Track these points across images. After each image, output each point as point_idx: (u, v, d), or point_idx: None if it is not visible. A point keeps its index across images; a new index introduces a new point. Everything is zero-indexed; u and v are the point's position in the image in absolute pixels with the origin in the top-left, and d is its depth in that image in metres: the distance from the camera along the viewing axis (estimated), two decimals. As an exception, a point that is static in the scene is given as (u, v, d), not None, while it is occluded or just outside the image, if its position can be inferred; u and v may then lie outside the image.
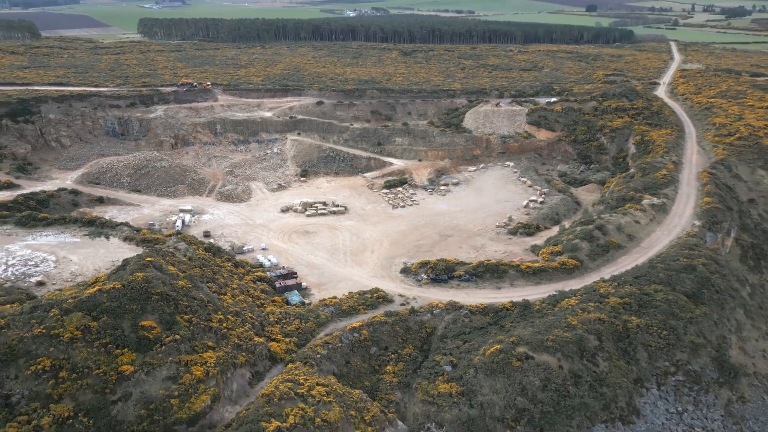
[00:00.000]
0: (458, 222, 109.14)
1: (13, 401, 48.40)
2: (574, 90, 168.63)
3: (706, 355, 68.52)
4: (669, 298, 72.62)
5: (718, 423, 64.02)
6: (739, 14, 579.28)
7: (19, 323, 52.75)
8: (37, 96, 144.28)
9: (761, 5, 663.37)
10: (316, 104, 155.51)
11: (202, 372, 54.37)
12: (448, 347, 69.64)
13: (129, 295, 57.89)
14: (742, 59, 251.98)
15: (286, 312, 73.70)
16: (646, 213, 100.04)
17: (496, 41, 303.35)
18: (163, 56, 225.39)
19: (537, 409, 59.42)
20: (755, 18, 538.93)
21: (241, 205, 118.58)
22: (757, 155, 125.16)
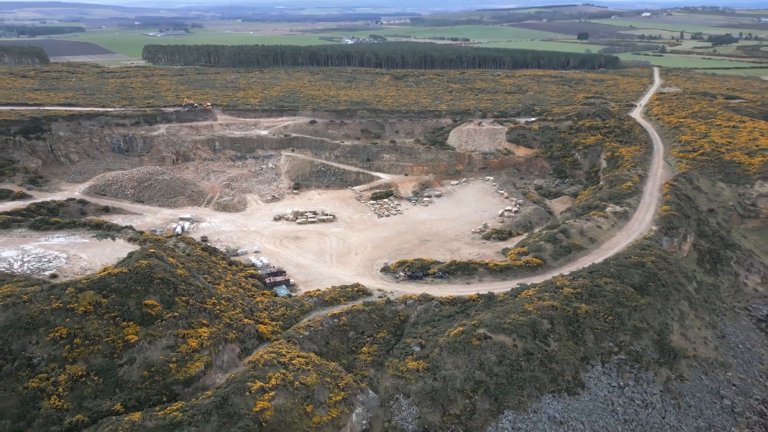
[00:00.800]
0: (437, 229, 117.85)
1: (35, 362, 56.57)
2: (553, 111, 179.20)
3: (648, 338, 76.58)
4: (617, 289, 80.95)
5: (656, 397, 71.75)
6: (726, 42, 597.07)
7: (39, 298, 61.20)
8: (48, 115, 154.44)
9: (747, 33, 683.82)
10: (310, 123, 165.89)
11: (196, 343, 62.59)
12: (419, 332, 77.62)
13: (134, 278, 66.43)
14: (720, 83, 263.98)
15: (273, 301, 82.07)
16: (608, 219, 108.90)
17: (485, 66, 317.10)
18: (166, 80, 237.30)
19: (492, 381, 67.24)
20: (741, 45, 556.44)
21: (236, 215, 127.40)
22: (717, 169, 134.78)
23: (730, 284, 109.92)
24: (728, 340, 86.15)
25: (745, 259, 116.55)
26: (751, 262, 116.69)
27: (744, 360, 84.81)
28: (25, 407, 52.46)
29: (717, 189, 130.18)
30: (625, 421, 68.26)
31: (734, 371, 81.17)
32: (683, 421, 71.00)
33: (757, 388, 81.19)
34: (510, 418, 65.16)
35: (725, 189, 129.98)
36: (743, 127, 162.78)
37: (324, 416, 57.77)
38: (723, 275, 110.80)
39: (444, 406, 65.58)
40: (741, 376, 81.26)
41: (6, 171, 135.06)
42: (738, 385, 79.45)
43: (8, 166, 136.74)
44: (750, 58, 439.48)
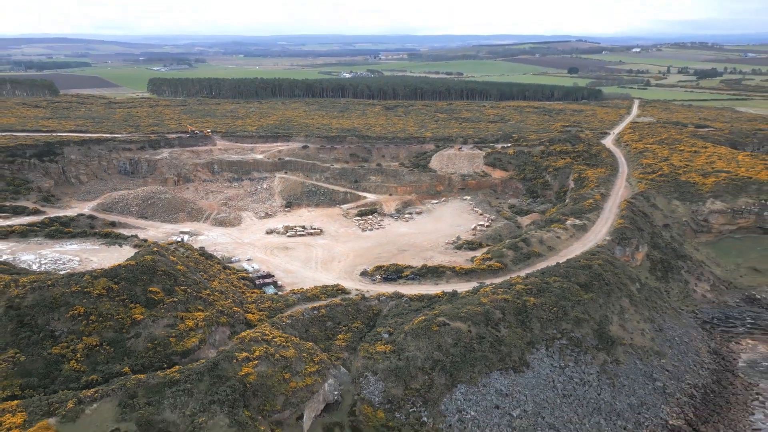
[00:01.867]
0: (415, 241, 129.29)
1: (57, 334, 67.34)
2: (529, 137, 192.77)
3: (588, 327, 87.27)
4: (564, 286, 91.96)
5: (593, 376, 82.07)
6: (711, 75, 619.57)
7: (61, 283, 72.33)
8: (60, 140, 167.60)
9: (732, 67, 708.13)
10: (302, 148, 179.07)
11: (192, 324, 73.42)
12: (388, 322, 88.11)
13: (141, 269, 77.67)
14: (694, 114, 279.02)
15: (261, 296, 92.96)
16: (567, 231, 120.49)
17: (472, 98, 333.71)
18: (169, 109, 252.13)
19: (448, 360, 77.65)
20: (724, 79, 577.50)
21: (232, 229, 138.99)
22: (673, 188, 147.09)
23: (680, 290, 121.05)
24: (665, 333, 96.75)
25: (696, 268, 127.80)
26: (702, 272, 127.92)
27: (680, 351, 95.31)
28: (49, 368, 63.18)
29: (672, 206, 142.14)
30: (563, 395, 78.48)
31: (668, 359, 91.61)
32: (617, 398, 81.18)
33: (689, 374, 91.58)
34: (462, 390, 75.37)
35: (680, 206, 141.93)
36: (704, 151, 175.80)
37: (300, 383, 68.14)
38: (673, 282, 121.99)
39: (406, 382, 75.81)
40: (675, 363, 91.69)
41: (21, 190, 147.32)
42: (671, 371, 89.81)
43: (23, 186, 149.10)
44: (731, 91, 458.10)
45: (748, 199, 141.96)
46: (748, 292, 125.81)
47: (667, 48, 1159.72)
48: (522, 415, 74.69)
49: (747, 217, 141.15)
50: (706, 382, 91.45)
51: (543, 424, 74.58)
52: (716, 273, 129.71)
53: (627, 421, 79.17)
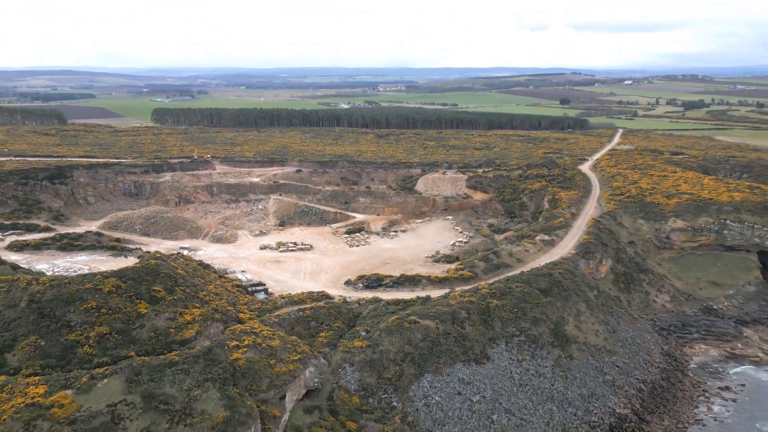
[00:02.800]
0: (397, 255, 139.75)
1: (72, 324, 77.40)
2: (510, 163, 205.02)
3: (545, 326, 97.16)
4: (525, 290, 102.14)
5: (548, 369, 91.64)
6: (698, 106, 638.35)
7: (76, 281, 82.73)
8: (70, 164, 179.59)
9: (720, 99, 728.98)
10: (296, 172, 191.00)
11: (190, 318, 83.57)
12: (366, 322, 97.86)
13: (145, 271, 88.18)
14: (672, 142, 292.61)
15: (252, 299, 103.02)
16: (536, 245, 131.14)
17: (462, 127, 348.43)
18: (172, 137, 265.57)
19: (417, 352, 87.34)
20: (710, 110, 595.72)
21: (228, 245, 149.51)
22: (639, 208, 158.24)
23: (641, 300, 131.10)
24: (619, 334, 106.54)
25: (657, 281, 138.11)
26: (662, 284, 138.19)
27: (631, 350, 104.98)
28: (65, 352, 73.18)
29: (637, 225, 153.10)
30: (520, 385, 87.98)
31: (620, 357, 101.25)
32: (569, 389, 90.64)
33: (639, 371, 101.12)
34: (429, 379, 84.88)
35: (644, 225, 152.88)
36: (672, 176, 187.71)
37: (283, 368, 77.76)
38: (635, 293, 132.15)
39: (379, 372, 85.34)
40: (625, 361, 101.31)
41: (34, 210, 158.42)
42: (621, 367, 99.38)
43: (36, 206, 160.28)
44: (715, 121, 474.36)
45: (708, 218, 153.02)
46: (706, 303, 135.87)
47: (659, 80, 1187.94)
48: (481, 400, 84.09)
49: (707, 235, 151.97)
50: (654, 379, 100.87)
51: (500, 409, 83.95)
52: (677, 286, 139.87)
53: (577, 408, 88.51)
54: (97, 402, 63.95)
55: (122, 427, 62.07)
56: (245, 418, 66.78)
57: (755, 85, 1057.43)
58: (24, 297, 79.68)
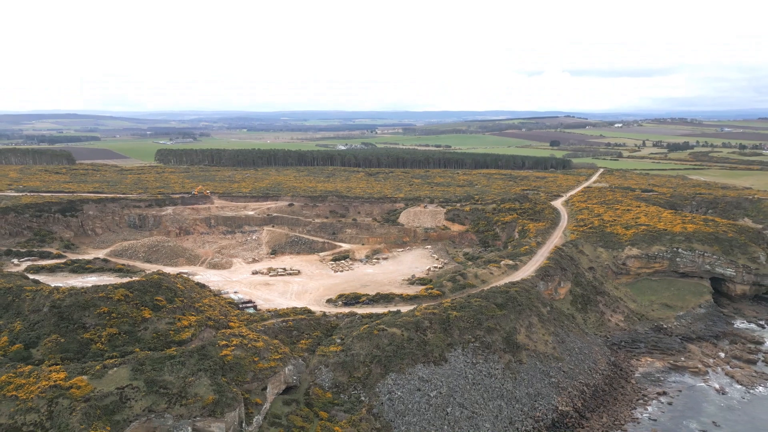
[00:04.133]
0: (377, 278, 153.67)
1: (87, 325, 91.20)
2: (486, 198, 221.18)
3: (498, 335, 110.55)
4: (482, 304, 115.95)
5: (498, 371, 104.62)
6: (682, 148, 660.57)
7: (91, 291, 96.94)
8: (81, 199, 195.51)
9: (704, 141, 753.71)
10: (288, 206, 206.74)
11: (187, 323, 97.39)
12: (342, 332, 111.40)
13: (149, 284, 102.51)
14: (645, 180, 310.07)
15: (242, 313, 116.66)
16: (501, 268, 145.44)
17: (449, 167, 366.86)
18: (175, 175, 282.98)
19: (383, 355, 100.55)
20: (693, 151, 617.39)
21: (223, 271, 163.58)
22: (599, 238, 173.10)
23: (596, 319, 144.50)
24: (567, 344, 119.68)
25: (612, 303, 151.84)
26: (617, 306, 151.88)
27: (578, 359, 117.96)
28: (81, 348, 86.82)
29: (597, 252, 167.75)
30: (473, 383, 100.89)
31: (566, 363, 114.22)
32: (517, 388, 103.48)
33: (583, 375, 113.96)
34: (393, 377, 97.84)
35: (603, 252, 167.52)
36: (635, 210, 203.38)
37: (265, 365, 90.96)
38: (591, 313, 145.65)
39: (350, 372, 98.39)
40: (571, 367, 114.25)
41: (47, 239, 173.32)
42: (566, 372, 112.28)
43: (48, 236, 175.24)
44: (695, 162, 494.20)
45: (661, 246, 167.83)
46: (657, 323, 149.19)
47: (648, 123, 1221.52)
48: (437, 395, 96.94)
49: (660, 262, 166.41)
50: (597, 383, 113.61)
51: (454, 403, 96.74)
52: (631, 307, 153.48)
53: (524, 405, 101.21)
54: (108, 385, 77.25)
55: (128, 405, 75.18)
56: (231, 401, 79.90)
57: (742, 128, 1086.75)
58: (46, 303, 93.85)
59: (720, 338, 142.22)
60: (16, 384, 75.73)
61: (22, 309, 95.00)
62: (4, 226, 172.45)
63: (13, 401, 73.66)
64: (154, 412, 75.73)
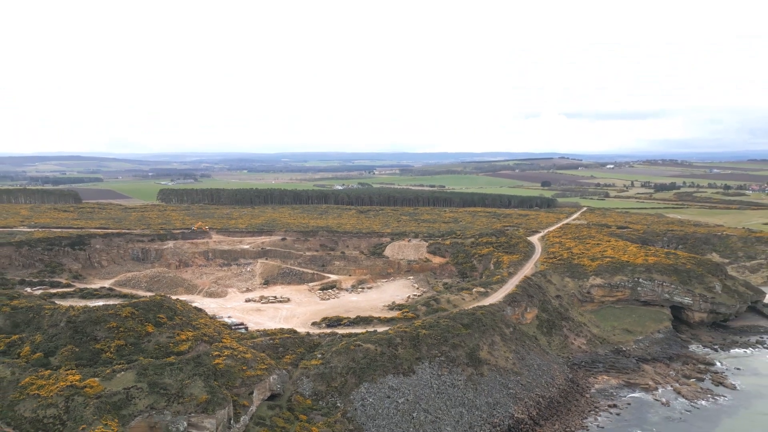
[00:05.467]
0: (360, 305, 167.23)
1: (98, 338, 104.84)
2: (467, 233, 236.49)
3: (462, 351, 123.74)
4: (449, 324, 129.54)
5: (461, 382, 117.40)
6: (668, 189, 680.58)
7: (102, 308, 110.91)
8: (89, 234, 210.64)
9: (691, 182, 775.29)
10: (281, 240, 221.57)
11: (185, 338, 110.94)
12: (323, 349, 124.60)
13: (153, 303, 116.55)
14: (623, 218, 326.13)
15: (234, 331, 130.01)
16: (472, 295, 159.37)
17: (437, 205, 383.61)
18: (176, 213, 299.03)
19: (358, 366, 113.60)
20: (678, 192, 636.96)
21: (219, 299, 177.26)
22: (567, 269, 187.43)
23: (560, 342, 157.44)
24: (526, 361, 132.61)
25: (576, 327, 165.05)
26: (581, 330, 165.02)
27: (536, 374, 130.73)
28: (93, 356, 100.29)
29: (564, 282, 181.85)
30: (437, 392, 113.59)
31: (524, 377, 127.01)
32: (477, 397, 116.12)
33: (539, 388, 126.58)
34: (366, 386, 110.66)
35: (570, 282, 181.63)
36: (605, 244, 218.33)
37: (252, 373, 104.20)
38: (555, 336, 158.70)
39: (328, 382, 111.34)
40: (528, 380, 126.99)
41: (57, 270, 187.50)
42: (524, 384, 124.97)
43: (58, 267, 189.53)
44: (677, 201, 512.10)
45: (623, 277, 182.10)
46: (617, 346, 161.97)
47: (639, 165, 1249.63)
48: (405, 402, 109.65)
49: (623, 291, 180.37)
50: (552, 395, 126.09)
51: (419, 409, 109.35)
52: (594, 332, 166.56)
53: (483, 412, 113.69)
54: (116, 386, 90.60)
55: (133, 403, 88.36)
56: (221, 401, 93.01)
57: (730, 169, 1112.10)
58: (63, 319, 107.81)
59: (673, 359, 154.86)
60: (38, 384, 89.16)
61: (41, 324, 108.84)
62: (18, 258, 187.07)
63: (35, 399, 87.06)
64: (155, 409, 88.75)
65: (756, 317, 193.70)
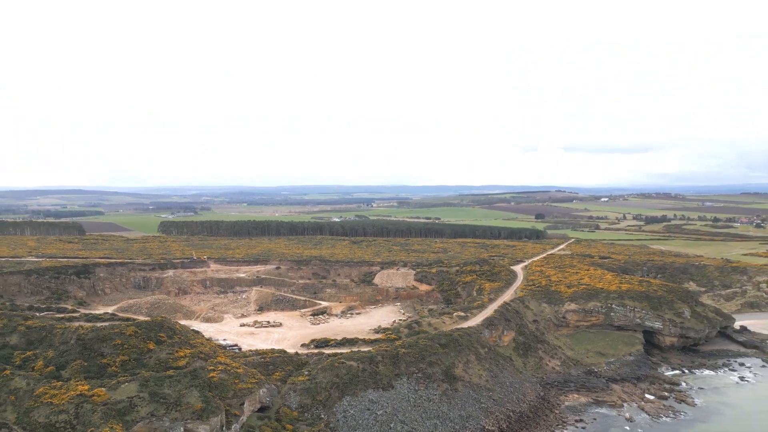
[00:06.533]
0: (348, 329, 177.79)
1: (104, 353, 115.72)
2: (453, 262, 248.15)
3: (438, 368, 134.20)
4: (428, 344, 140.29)
5: (436, 396, 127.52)
6: (659, 221, 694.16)
7: (108, 327, 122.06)
8: (93, 263, 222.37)
9: (681, 214, 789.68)
10: (276, 269, 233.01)
11: (183, 354, 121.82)
12: (310, 366, 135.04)
13: (154, 323, 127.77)
14: (606, 249, 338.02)
15: (228, 351, 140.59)
16: (452, 318, 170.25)
17: (429, 236, 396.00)
18: (176, 243, 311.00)
19: (341, 382, 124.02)
20: (668, 224, 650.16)
21: (215, 324, 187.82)
22: (544, 295, 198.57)
23: (535, 363, 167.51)
24: (499, 379, 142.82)
25: (551, 350, 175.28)
26: (556, 353, 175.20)
27: (508, 390, 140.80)
28: (99, 370, 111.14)
29: (541, 307, 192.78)
30: (414, 405, 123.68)
31: (496, 393, 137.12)
32: (451, 411, 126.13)
33: (510, 404, 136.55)
34: (348, 399, 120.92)
35: (547, 307, 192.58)
36: (583, 273, 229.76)
37: (244, 386, 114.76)
38: (531, 358, 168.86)
39: (314, 395, 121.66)
40: (500, 396, 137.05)
41: (63, 297, 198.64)
42: (496, 400, 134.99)
43: (64, 294, 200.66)
44: (665, 233, 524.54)
45: (597, 302, 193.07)
46: (589, 368, 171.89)
47: (634, 198, 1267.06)
48: (384, 414, 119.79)
49: (596, 316, 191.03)
50: (522, 410, 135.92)
51: (397, 420, 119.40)
52: (568, 354, 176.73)
53: (456, 424, 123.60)
54: (121, 395, 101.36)
55: (136, 410, 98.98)
56: (215, 409, 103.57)
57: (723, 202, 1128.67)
58: (73, 336, 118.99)
59: (641, 380, 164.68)
60: (51, 394, 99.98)
61: (53, 341, 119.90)
62: (27, 286, 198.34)
63: (48, 406, 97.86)
64: (155, 416, 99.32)
65: (726, 342, 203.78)
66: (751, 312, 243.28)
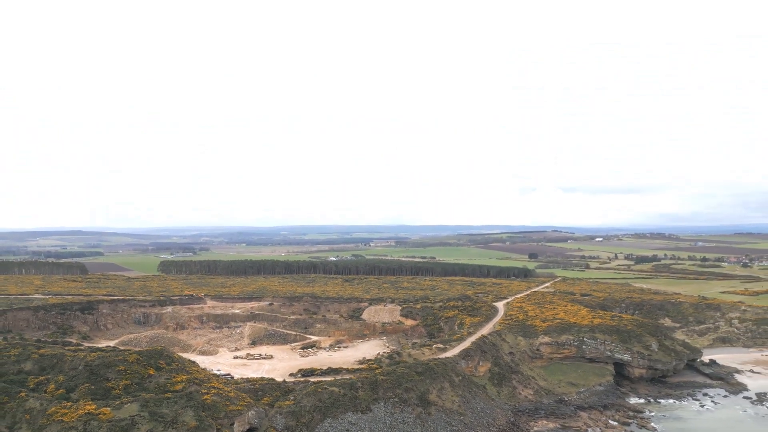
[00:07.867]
0: (334, 360, 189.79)
1: (110, 378, 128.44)
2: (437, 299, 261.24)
3: (413, 393, 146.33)
4: (405, 372, 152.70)
5: (411, 419, 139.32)
6: (648, 261, 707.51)
7: (112, 355, 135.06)
8: (97, 300, 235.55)
9: (672, 254, 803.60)
10: (269, 305, 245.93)
11: (180, 379, 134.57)
12: (296, 392, 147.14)
13: (154, 352, 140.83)
14: (589, 286, 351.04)
15: (221, 378, 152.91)
16: (431, 349, 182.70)
17: (419, 275, 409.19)
18: (175, 282, 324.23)
19: (323, 405, 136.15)
20: (657, 264, 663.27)
21: (210, 357, 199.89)
22: (520, 329, 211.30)
23: (509, 392, 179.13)
24: (471, 404, 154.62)
25: (525, 380, 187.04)
26: (529, 382, 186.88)
27: (479, 415, 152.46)
28: (105, 393, 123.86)
29: (517, 340, 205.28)
30: (390, 427, 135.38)
31: (467, 417, 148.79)
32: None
33: (480, 427, 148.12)
34: (329, 421, 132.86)
35: (522, 340, 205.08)
36: (560, 308, 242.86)
37: (234, 407, 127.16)
38: (505, 387, 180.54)
39: (298, 418, 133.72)
40: (471, 420, 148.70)
41: (68, 332, 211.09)
42: (467, 423, 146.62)
43: (69, 329, 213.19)
44: (653, 272, 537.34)
45: (569, 336, 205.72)
46: (560, 397, 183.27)
47: (628, 238, 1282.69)
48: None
49: (569, 348, 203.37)
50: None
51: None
52: (541, 384, 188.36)
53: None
54: (124, 414, 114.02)
55: (137, 427, 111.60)
56: (207, 428, 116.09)
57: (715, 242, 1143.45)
58: (81, 363, 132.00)
59: (608, 407, 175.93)
60: (61, 413, 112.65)
61: (63, 367, 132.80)
62: (34, 321, 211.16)
63: (59, 423, 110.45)
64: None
65: (693, 374, 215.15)
66: (723, 346, 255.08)
